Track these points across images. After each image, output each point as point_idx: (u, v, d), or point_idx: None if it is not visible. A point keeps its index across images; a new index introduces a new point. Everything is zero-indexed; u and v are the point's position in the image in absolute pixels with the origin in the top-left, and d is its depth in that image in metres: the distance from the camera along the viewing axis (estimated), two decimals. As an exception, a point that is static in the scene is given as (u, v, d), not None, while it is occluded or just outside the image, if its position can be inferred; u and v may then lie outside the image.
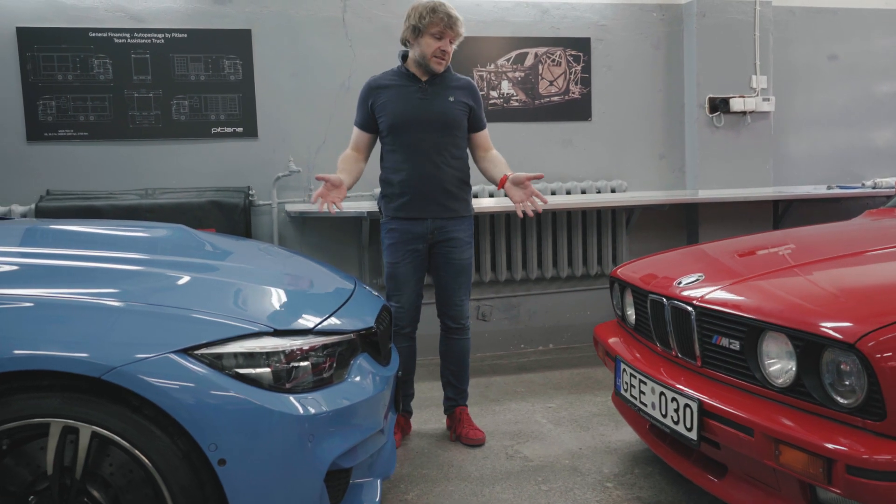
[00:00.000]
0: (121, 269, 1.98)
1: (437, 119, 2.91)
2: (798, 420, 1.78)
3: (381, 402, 2.13)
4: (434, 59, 2.88)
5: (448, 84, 2.96)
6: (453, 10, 2.90)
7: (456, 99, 2.96)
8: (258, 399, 1.72)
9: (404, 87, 2.93)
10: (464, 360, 3.15)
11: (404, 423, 3.13)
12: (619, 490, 2.59)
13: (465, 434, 3.06)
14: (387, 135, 2.96)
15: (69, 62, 3.98)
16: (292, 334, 1.88)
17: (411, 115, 2.90)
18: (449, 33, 2.88)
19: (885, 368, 1.60)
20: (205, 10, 4.12)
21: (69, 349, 1.62)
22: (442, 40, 2.87)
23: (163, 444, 1.67)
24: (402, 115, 2.90)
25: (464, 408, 3.18)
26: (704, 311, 2.11)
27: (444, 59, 2.90)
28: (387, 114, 2.92)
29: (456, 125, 2.96)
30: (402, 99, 2.91)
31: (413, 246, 2.98)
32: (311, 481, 1.79)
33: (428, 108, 2.90)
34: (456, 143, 2.96)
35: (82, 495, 1.68)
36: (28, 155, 3.98)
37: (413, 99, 2.91)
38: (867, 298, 1.86)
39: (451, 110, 2.93)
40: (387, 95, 2.93)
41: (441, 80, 2.96)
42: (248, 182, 4.21)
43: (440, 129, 2.92)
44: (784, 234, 2.71)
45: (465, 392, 3.19)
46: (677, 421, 2.12)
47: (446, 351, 3.14)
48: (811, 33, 4.96)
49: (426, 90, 2.93)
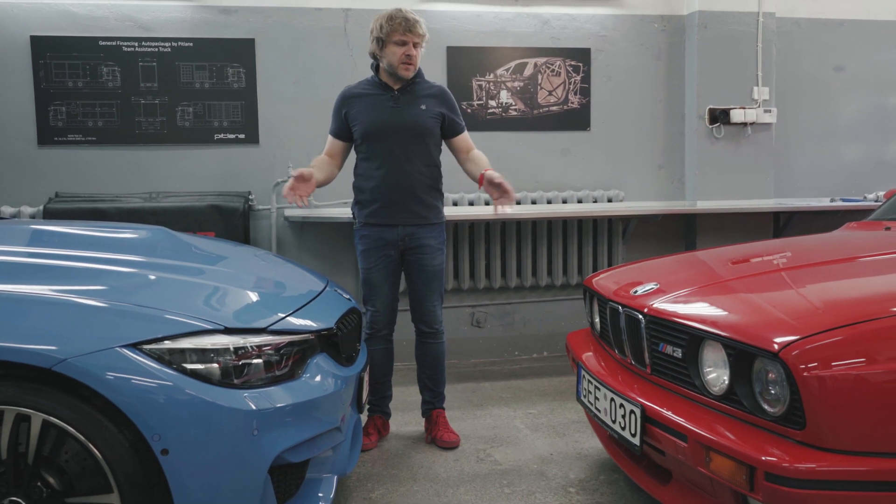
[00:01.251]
0: (85, 267, 2.08)
1: (409, 127, 2.98)
2: (729, 428, 1.80)
3: (337, 401, 2.20)
4: (402, 66, 2.96)
5: (420, 92, 3.04)
6: (410, 13, 2.98)
7: (428, 107, 3.03)
8: (202, 393, 1.80)
9: (377, 97, 3.01)
10: (439, 364, 3.20)
11: (381, 424, 3.19)
12: (581, 495, 2.62)
13: (440, 437, 3.12)
14: (360, 143, 3.04)
15: (79, 69, 4.15)
16: (244, 333, 1.96)
17: (383, 123, 2.98)
18: (410, 37, 2.95)
19: (805, 378, 1.62)
20: (210, 20, 4.26)
21: (22, 341, 1.73)
22: (405, 45, 2.94)
23: (110, 434, 1.76)
24: (374, 123, 2.98)
25: (440, 411, 3.23)
26: (653, 319, 2.14)
27: (410, 64, 2.97)
28: (360, 122, 3.01)
29: (427, 133, 3.02)
30: (375, 108, 3.00)
31: (385, 252, 3.05)
32: (255, 473, 1.87)
33: (399, 116, 2.98)
34: (428, 150, 3.02)
35: (36, 479, 1.78)
36: (39, 158, 4.15)
37: (385, 108, 2.99)
38: (800, 310, 1.87)
39: (422, 118, 3.00)
40: (360, 105, 3.02)
41: (413, 88, 3.03)
42: (248, 187, 4.33)
43: (411, 137, 2.99)
44: (751, 246, 2.72)
45: (441, 395, 3.25)
46: (624, 427, 2.15)
47: (422, 355, 3.20)
48: (817, 45, 4.92)
49: (398, 99, 3.01)
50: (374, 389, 3.19)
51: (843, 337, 1.65)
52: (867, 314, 1.70)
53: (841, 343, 1.64)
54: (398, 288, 3.15)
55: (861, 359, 1.61)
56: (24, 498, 1.77)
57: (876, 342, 1.63)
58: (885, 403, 1.58)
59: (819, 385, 1.61)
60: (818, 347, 1.64)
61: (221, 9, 4.27)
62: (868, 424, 1.59)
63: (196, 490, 1.79)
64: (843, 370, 1.61)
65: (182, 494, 1.78)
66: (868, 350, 1.62)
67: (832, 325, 1.67)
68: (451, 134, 3.11)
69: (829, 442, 1.61)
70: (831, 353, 1.62)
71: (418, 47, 2.99)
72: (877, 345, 1.63)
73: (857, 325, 1.66)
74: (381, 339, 3.14)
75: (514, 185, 4.57)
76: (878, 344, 1.63)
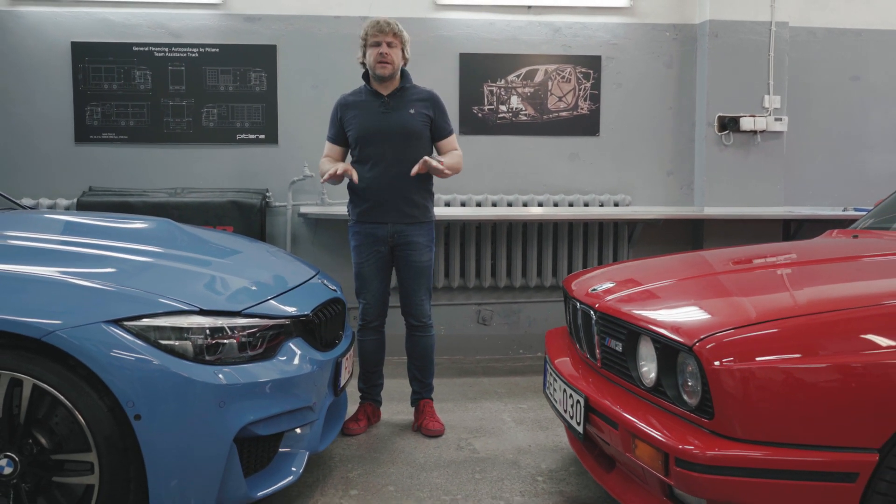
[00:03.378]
0: (85, 252, 2.33)
1: (398, 131, 3.17)
2: (655, 417, 1.92)
3: (309, 382, 2.39)
4: (378, 65, 3.14)
5: (409, 98, 3.21)
6: (383, 19, 3.18)
7: (416, 111, 3.20)
8: (173, 366, 2.01)
9: (368, 103, 3.21)
10: (427, 356, 3.36)
11: (371, 411, 3.37)
12: (547, 484, 2.74)
13: (425, 425, 3.28)
14: (354, 147, 3.25)
15: (114, 73, 4.45)
16: (218, 315, 2.17)
17: (374, 127, 3.17)
18: (381, 37, 3.13)
19: (713, 371, 1.73)
20: (235, 27, 4.52)
21: (19, 314, 1.96)
22: (380, 45, 3.13)
23: (91, 400, 1.98)
24: (366, 128, 3.18)
25: (428, 401, 3.39)
26: (602, 315, 2.27)
27: (386, 62, 3.14)
28: (353, 128, 3.22)
29: (416, 136, 3.20)
30: (366, 114, 3.19)
31: (376, 248, 3.23)
32: (220, 441, 2.07)
33: (389, 121, 3.17)
34: (417, 152, 3.18)
35: (28, 437, 2.01)
36: (75, 155, 4.47)
37: (376, 113, 3.18)
38: (721, 309, 1.98)
39: (411, 122, 3.18)
40: (354, 111, 3.22)
41: (402, 94, 3.21)
42: (266, 185, 4.57)
43: (401, 140, 3.17)
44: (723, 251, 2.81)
45: (429, 386, 3.40)
46: (572, 416, 2.28)
47: (411, 348, 3.36)
48: (833, 54, 4.92)
49: (388, 104, 3.19)
50: (366, 378, 3.37)
51: (748, 335, 1.75)
52: (772, 315, 1.80)
53: (745, 341, 1.75)
54: (389, 282, 3.33)
55: (762, 356, 1.71)
56: (17, 453, 2.00)
57: (775, 342, 1.73)
58: (781, 398, 1.68)
59: (725, 378, 1.72)
60: (726, 344, 1.75)
61: (246, 17, 4.53)
62: (767, 416, 1.69)
63: (164, 453, 2.00)
64: (746, 365, 1.71)
65: (152, 456, 1.99)
66: (767, 348, 1.72)
67: (740, 324, 1.78)
68: (437, 137, 3.28)
69: (735, 431, 1.72)
70: (737, 350, 1.73)
71: (393, 47, 3.15)
72: (776, 344, 1.73)
73: (760, 325, 1.76)
74: (372, 330, 3.32)
75: (522, 188, 4.76)
76: (777, 343, 1.73)
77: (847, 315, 1.76)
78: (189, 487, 2.04)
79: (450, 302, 4.71)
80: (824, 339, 1.72)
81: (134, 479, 2.02)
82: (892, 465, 1.64)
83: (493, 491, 2.69)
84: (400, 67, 3.21)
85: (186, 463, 2.02)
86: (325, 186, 4.55)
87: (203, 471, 2.05)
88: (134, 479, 2.02)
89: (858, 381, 1.66)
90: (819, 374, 1.67)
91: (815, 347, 1.70)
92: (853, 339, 1.71)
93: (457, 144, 3.33)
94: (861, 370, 1.67)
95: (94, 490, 1.99)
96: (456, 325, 4.76)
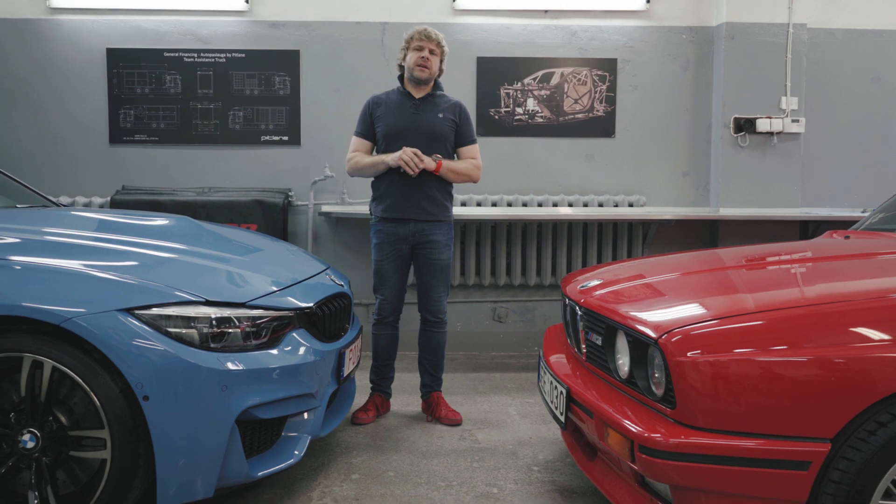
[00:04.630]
0: (104, 246, 2.50)
1: (426, 131, 3.32)
2: (627, 406, 2.02)
3: (311, 371, 2.53)
4: (417, 68, 3.30)
5: (439, 104, 3.38)
6: (431, 29, 3.35)
7: (444, 116, 3.37)
8: (179, 352, 2.17)
9: (400, 103, 3.37)
10: (440, 351, 3.49)
11: (381, 402, 3.51)
12: (542, 474, 2.85)
13: (445, 416, 3.41)
14: (382, 142, 3.37)
15: (146, 78, 4.68)
16: (223, 306, 2.33)
17: (404, 125, 3.32)
18: (426, 43, 3.31)
19: (676, 362, 1.82)
20: (261, 34, 4.71)
21: (41, 302, 2.14)
22: (422, 50, 3.30)
23: (104, 381, 2.15)
24: (395, 125, 3.33)
25: (439, 392, 3.52)
26: (586, 311, 2.36)
27: (425, 66, 3.30)
28: (383, 124, 3.36)
29: (443, 138, 3.35)
30: (398, 112, 3.35)
31: (396, 246, 3.37)
32: (222, 422, 2.22)
33: (419, 121, 3.32)
34: (441, 154, 3.32)
35: (48, 415, 2.20)
36: (110, 155, 4.71)
37: (407, 112, 3.34)
38: (691, 304, 2.06)
39: (440, 124, 3.34)
40: (385, 108, 3.38)
41: (433, 99, 3.38)
42: (289, 185, 4.75)
43: (428, 140, 3.31)
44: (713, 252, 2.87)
45: (439, 379, 3.54)
46: (556, 406, 2.38)
47: (425, 343, 3.49)
48: (853, 55, 4.90)
49: (419, 106, 3.36)
50: (377, 370, 3.51)
51: (709, 330, 1.84)
52: (734, 311, 1.88)
53: (707, 335, 1.83)
54: (406, 279, 3.46)
55: (721, 350, 1.80)
56: (38, 429, 2.18)
57: (734, 336, 1.81)
58: (739, 389, 1.76)
59: (687, 370, 1.81)
60: (688, 338, 1.83)
61: (271, 23, 4.71)
62: (726, 406, 1.77)
63: (170, 431, 2.16)
64: (706, 358, 1.80)
65: (158, 434, 2.15)
66: (727, 343, 1.80)
67: (703, 320, 1.87)
68: (459, 143, 3.42)
69: (696, 420, 1.81)
70: (698, 344, 1.82)
71: (434, 55, 3.32)
72: (735, 339, 1.81)
73: (722, 320, 1.85)
74: (388, 325, 3.46)
75: (538, 188, 4.86)
76: (736, 338, 1.81)
77: (803, 312, 1.83)
78: (193, 464, 2.20)
79: (466, 299, 4.83)
80: (780, 335, 1.79)
81: (143, 455, 2.18)
82: (845, 454, 1.71)
83: (489, 479, 2.80)
84: (435, 75, 3.37)
85: (190, 441, 2.18)
86: (346, 186, 4.71)
87: (206, 449, 2.21)
88: (143, 455, 2.18)
89: (812, 374, 1.73)
90: (774, 367, 1.75)
91: (772, 342, 1.78)
92: (808, 335, 1.78)
93: (477, 155, 3.45)
94: (814, 364, 1.74)
95: (107, 464, 2.16)
96: (472, 322, 4.87)
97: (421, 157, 3.23)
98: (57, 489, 2.21)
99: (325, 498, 2.62)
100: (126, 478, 2.17)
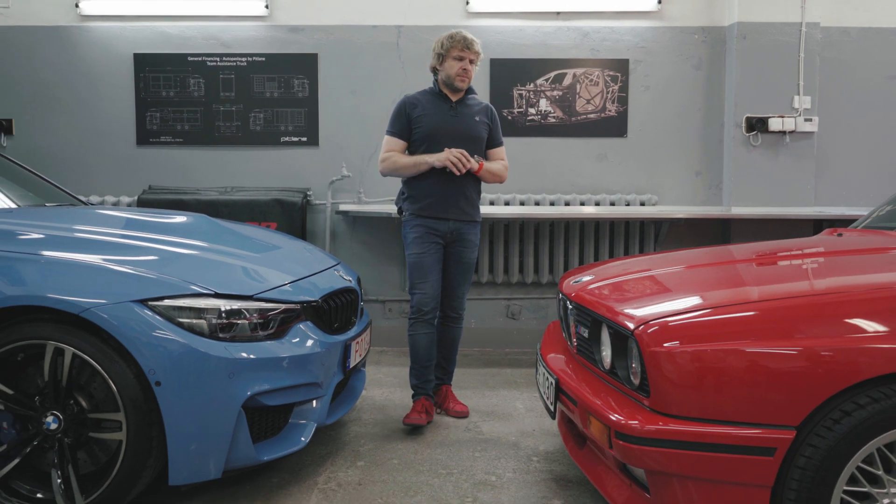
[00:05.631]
0: (123, 242, 2.67)
1: (466, 133, 3.39)
2: (608, 395, 2.11)
3: (316, 361, 2.67)
4: (458, 78, 3.36)
5: (472, 105, 3.47)
6: (469, 34, 3.40)
7: (480, 118, 3.45)
8: (189, 341, 2.32)
9: (438, 105, 3.42)
10: (454, 345, 3.57)
11: (429, 405, 3.41)
12: (540, 464, 2.94)
13: (452, 408, 3.51)
14: (421, 143, 3.39)
15: (172, 81, 4.87)
16: (232, 298, 2.47)
17: (444, 128, 3.37)
18: (467, 53, 3.36)
19: (650, 353, 1.91)
20: (280, 38, 4.87)
21: (62, 293, 2.31)
22: (462, 60, 3.36)
23: (120, 367, 2.31)
24: (436, 127, 3.37)
25: (448, 386, 3.62)
26: (576, 305, 2.46)
27: (465, 77, 3.38)
28: (423, 125, 3.38)
29: (480, 140, 3.44)
30: (437, 114, 3.40)
31: (435, 240, 3.40)
32: (230, 407, 2.36)
33: (458, 123, 3.39)
34: (479, 155, 3.41)
35: (70, 399, 2.36)
36: (137, 156, 4.92)
37: (446, 115, 3.40)
38: (673, 298, 2.14)
39: (477, 127, 3.43)
40: (422, 109, 3.40)
41: (466, 101, 3.45)
42: (308, 184, 4.90)
43: (466, 142, 3.36)
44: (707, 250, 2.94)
45: (450, 373, 3.63)
46: (548, 396, 2.48)
47: (441, 336, 3.52)
48: (868, 54, 4.89)
49: (456, 109, 3.42)
50: (418, 374, 3.44)
51: (682, 322, 1.92)
52: (709, 305, 1.96)
53: (680, 327, 1.92)
54: (441, 275, 3.45)
55: (693, 341, 1.88)
56: (61, 412, 2.35)
57: (705, 329, 1.90)
58: (709, 379, 1.84)
59: (661, 361, 1.89)
60: (662, 330, 1.92)
61: (290, 28, 4.87)
62: (697, 395, 1.86)
63: (180, 415, 2.30)
64: (679, 349, 1.88)
65: (170, 417, 2.30)
66: (699, 335, 1.89)
67: (677, 313, 1.95)
68: (490, 145, 3.51)
69: (669, 408, 1.89)
70: (671, 335, 1.90)
71: (473, 64, 3.40)
72: (706, 331, 1.89)
73: (695, 314, 1.93)
74: (426, 322, 3.39)
75: (550, 188, 4.96)
76: (707, 330, 1.89)
77: (772, 305, 1.91)
78: (202, 446, 2.34)
79: (480, 296, 4.93)
80: (749, 327, 1.87)
81: (156, 438, 2.33)
82: (810, 441, 1.78)
83: (488, 467, 2.91)
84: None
85: (199, 424, 2.33)
86: (363, 185, 4.85)
87: (214, 432, 2.35)
88: (156, 438, 2.33)
89: (778, 365, 1.81)
90: (743, 358, 1.83)
91: (741, 334, 1.86)
92: (775, 327, 1.85)
93: (505, 156, 3.55)
94: (781, 356, 1.81)
95: (123, 444, 2.31)
96: (486, 319, 4.97)
97: (468, 158, 3.31)
98: (78, 468, 2.37)
99: (331, 482, 2.76)
100: (140, 458, 2.32)
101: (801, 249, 2.57)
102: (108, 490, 2.32)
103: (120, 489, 2.33)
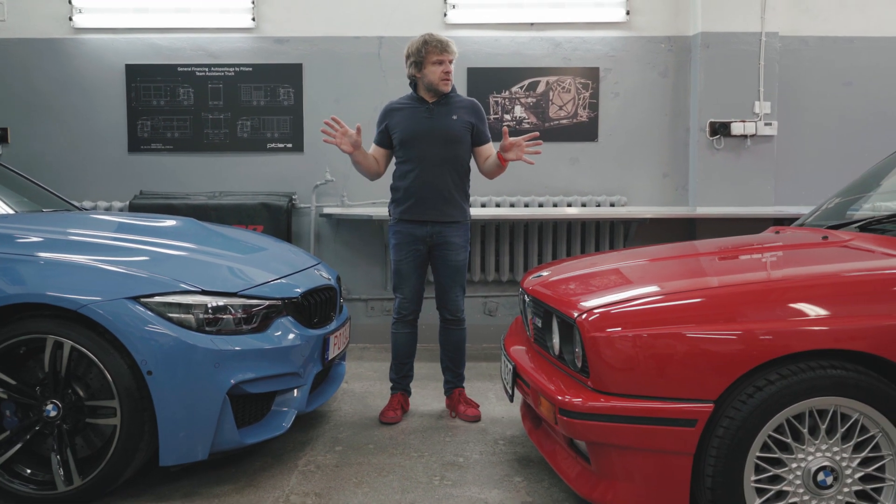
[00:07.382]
0: (116, 244, 2.88)
1: (441, 135, 3.40)
2: (557, 378, 2.34)
3: (296, 353, 2.89)
4: (441, 82, 3.40)
5: (453, 105, 3.47)
6: (441, 35, 3.44)
7: (459, 117, 3.44)
8: (178, 334, 2.54)
9: (414, 109, 3.46)
10: (460, 348, 3.61)
11: (403, 400, 3.61)
12: (505, 447, 3.17)
13: (463, 412, 3.54)
14: (398, 148, 3.48)
15: (162, 91, 5.09)
16: (217, 295, 2.69)
17: (419, 131, 3.41)
18: (446, 56, 3.39)
19: (589, 338, 2.14)
20: (266, 49, 5.10)
21: (61, 291, 2.52)
22: (443, 64, 3.39)
23: (115, 359, 2.52)
24: (411, 131, 3.42)
25: (461, 389, 3.66)
26: (531, 298, 2.69)
27: (448, 80, 3.42)
28: (399, 130, 3.45)
29: (458, 140, 3.43)
30: (412, 118, 3.44)
31: (414, 246, 3.47)
32: (215, 394, 2.58)
33: (433, 125, 3.41)
34: (458, 155, 3.45)
35: (68, 388, 2.58)
36: (128, 163, 5.13)
37: (421, 118, 3.43)
38: (613, 290, 2.38)
39: (454, 127, 3.42)
40: (399, 116, 3.47)
41: (447, 101, 3.46)
42: (293, 189, 5.12)
43: (443, 144, 3.41)
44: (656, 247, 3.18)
45: (461, 375, 3.67)
46: (507, 381, 2.71)
47: (445, 340, 3.62)
48: (825, 61, 5.14)
49: (433, 110, 3.44)
50: (397, 369, 3.61)
51: (616, 311, 2.16)
52: (642, 295, 2.20)
53: (614, 315, 2.15)
54: (424, 279, 3.56)
55: (625, 327, 2.11)
56: (60, 400, 2.56)
57: (636, 316, 2.13)
58: (638, 360, 2.08)
59: (598, 345, 2.13)
60: (598, 318, 2.16)
61: (276, 39, 5.10)
62: (628, 374, 2.09)
63: (170, 401, 2.52)
64: (612, 334, 2.12)
65: (160, 404, 2.52)
66: (630, 321, 2.12)
67: (614, 303, 2.19)
68: (477, 142, 3.52)
69: (607, 387, 2.13)
70: (606, 322, 2.14)
71: (452, 64, 3.42)
72: (636, 318, 2.12)
73: (628, 303, 2.17)
74: (407, 323, 3.55)
75: (525, 190, 5.18)
76: (637, 318, 2.13)
77: (694, 294, 2.15)
78: (190, 430, 2.56)
79: (460, 295, 5.15)
80: (673, 314, 2.11)
81: (147, 423, 2.55)
82: (728, 413, 2.02)
83: (457, 450, 3.13)
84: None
85: (188, 410, 2.55)
86: (346, 189, 5.08)
87: (201, 417, 2.57)
88: (147, 423, 2.55)
89: (698, 347, 2.04)
90: (666, 340, 2.06)
91: (665, 320, 2.10)
92: (696, 314, 2.09)
93: (493, 151, 3.52)
94: (700, 339, 2.05)
95: (117, 429, 2.53)
96: (464, 316, 5.19)
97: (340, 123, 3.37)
98: (76, 453, 2.59)
99: (310, 465, 2.98)
100: (133, 442, 2.54)
101: (738, 246, 2.81)
102: (104, 471, 2.54)
103: (114, 470, 2.54)
